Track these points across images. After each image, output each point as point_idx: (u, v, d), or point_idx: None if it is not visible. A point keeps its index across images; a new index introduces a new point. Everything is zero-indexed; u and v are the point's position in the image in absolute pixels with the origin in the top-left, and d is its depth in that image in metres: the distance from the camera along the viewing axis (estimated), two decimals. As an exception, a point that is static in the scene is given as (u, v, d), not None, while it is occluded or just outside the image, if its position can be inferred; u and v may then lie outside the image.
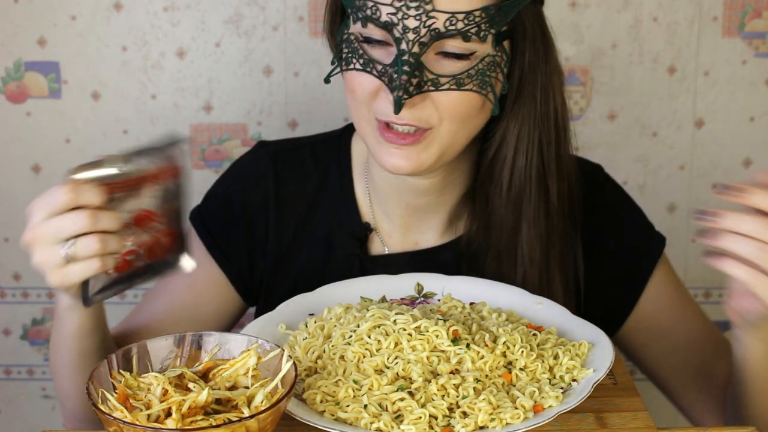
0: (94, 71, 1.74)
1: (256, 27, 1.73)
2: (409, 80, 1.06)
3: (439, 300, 1.14)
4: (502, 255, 1.19)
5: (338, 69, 1.13)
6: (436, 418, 0.92)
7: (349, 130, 1.30)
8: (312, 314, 1.10)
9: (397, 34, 1.06)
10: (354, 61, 1.10)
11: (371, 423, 0.91)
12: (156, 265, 1.00)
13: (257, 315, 1.29)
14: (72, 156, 1.77)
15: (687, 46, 1.75)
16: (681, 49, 1.75)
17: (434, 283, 1.17)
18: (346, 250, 1.25)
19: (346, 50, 1.11)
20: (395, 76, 1.06)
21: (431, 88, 1.08)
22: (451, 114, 1.10)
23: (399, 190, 1.23)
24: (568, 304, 1.23)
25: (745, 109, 1.78)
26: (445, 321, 1.01)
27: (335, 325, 1.04)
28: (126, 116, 1.76)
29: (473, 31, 1.07)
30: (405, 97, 1.06)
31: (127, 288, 1.00)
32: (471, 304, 1.11)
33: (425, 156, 1.12)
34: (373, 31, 1.09)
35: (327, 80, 1.15)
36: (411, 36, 1.06)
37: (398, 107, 1.06)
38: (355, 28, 1.10)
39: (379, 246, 1.26)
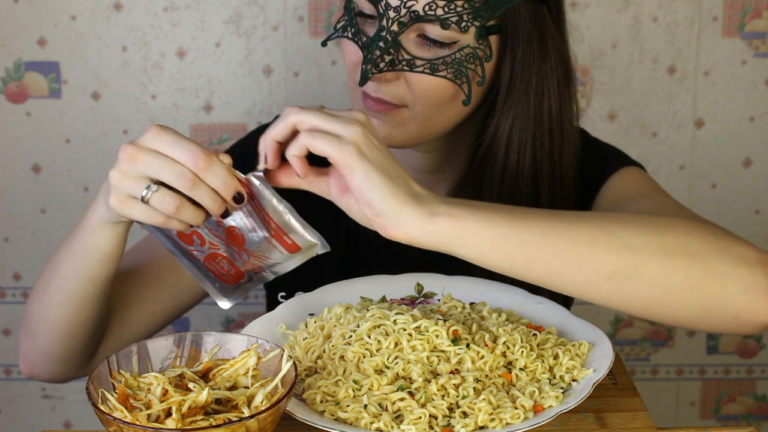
0: (94, 71, 1.74)
1: (256, 27, 1.73)
2: (381, 56, 1.09)
3: (439, 300, 1.14)
4: None
5: (336, 34, 1.16)
6: (436, 418, 0.92)
7: None
8: (312, 314, 1.10)
9: (381, 10, 1.09)
10: (348, 29, 1.14)
11: (371, 423, 0.91)
12: (206, 273, 1.00)
13: (265, 286, 1.32)
14: (72, 156, 1.77)
15: (687, 46, 1.75)
16: (681, 49, 1.75)
17: (434, 283, 1.17)
18: (346, 225, 1.24)
19: (346, 18, 1.15)
20: (370, 49, 1.09)
21: (405, 68, 1.10)
22: (424, 97, 1.12)
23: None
24: (566, 301, 1.23)
25: (745, 109, 1.78)
26: (445, 321, 1.01)
27: (335, 325, 1.04)
28: (126, 116, 1.76)
29: (453, 20, 1.08)
30: (373, 71, 1.09)
31: (175, 255, 1.00)
32: (471, 304, 1.11)
33: (397, 131, 1.15)
34: (364, 5, 1.12)
35: (324, 43, 1.18)
36: (392, 14, 1.09)
37: (363, 80, 1.09)
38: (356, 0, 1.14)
39: None
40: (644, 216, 1.00)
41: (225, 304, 1.00)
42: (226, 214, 0.96)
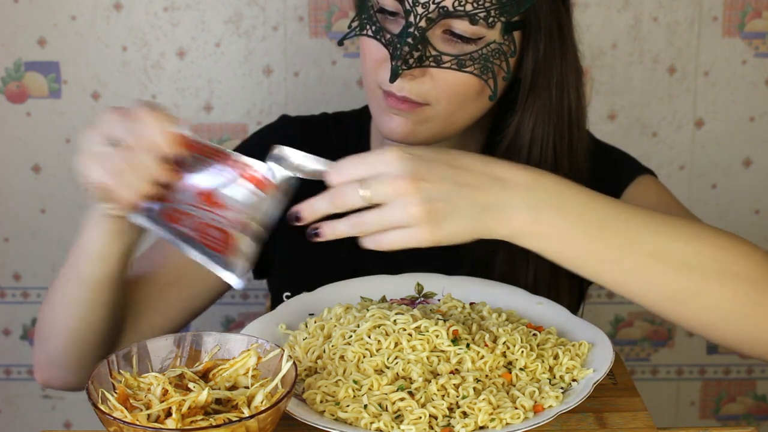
0: (94, 71, 1.74)
1: (256, 27, 1.73)
2: (410, 52, 1.09)
3: (439, 300, 1.14)
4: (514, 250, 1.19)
5: (353, 33, 1.16)
6: (436, 418, 0.92)
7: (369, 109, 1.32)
8: (312, 314, 1.10)
9: (407, 6, 1.09)
10: (368, 27, 1.14)
11: (371, 423, 0.91)
12: (207, 251, 0.98)
13: (270, 287, 1.33)
14: (72, 156, 1.77)
15: (687, 46, 1.75)
16: (681, 49, 1.75)
17: (434, 283, 1.17)
18: None
19: (363, 16, 1.14)
20: (398, 46, 1.09)
21: (432, 63, 1.10)
22: (449, 93, 1.12)
23: None
24: (572, 302, 1.23)
25: (745, 109, 1.78)
26: (445, 321, 1.01)
27: (335, 325, 1.04)
28: (126, 116, 1.76)
29: (481, 15, 1.08)
30: (403, 67, 1.09)
31: (175, 243, 0.98)
32: (471, 304, 1.11)
33: (420, 129, 1.15)
34: (387, 2, 1.12)
35: (341, 42, 1.18)
36: (420, 10, 1.09)
37: (394, 76, 1.09)
38: None
39: None
40: (706, 231, 0.98)
41: (234, 280, 0.96)
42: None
